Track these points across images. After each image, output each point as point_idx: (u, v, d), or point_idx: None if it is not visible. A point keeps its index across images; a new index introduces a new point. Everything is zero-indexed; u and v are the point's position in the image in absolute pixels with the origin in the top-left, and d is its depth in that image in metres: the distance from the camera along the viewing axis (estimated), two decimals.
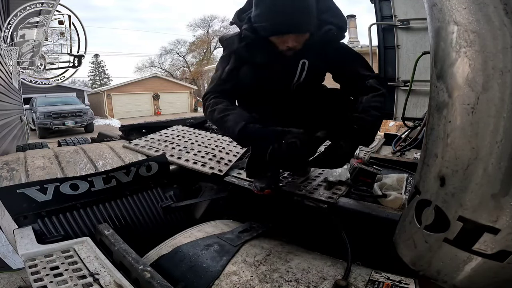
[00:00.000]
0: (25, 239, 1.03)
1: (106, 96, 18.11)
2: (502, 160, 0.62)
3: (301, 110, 1.31)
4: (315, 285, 0.85)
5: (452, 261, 0.73)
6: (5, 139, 3.27)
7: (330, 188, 1.47)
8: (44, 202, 1.21)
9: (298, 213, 1.40)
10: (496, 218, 0.64)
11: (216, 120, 1.18)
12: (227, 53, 1.27)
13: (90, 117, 11.51)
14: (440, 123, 0.73)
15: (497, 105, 0.61)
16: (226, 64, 1.25)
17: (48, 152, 1.89)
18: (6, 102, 3.84)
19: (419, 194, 0.82)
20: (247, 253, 1.02)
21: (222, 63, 1.28)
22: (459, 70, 0.67)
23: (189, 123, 2.81)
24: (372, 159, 2.08)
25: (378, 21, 3.06)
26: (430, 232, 0.77)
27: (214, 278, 0.89)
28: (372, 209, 1.25)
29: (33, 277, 0.83)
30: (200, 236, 1.13)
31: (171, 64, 29.06)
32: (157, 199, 1.55)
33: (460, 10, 0.65)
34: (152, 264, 0.99)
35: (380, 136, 3.06)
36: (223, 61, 1.28)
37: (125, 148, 2.05)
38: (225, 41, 1.27)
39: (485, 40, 0.62)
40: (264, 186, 1.38)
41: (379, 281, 0.84)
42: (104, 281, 0.84)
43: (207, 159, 1.87)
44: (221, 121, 1.15)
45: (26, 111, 8.65)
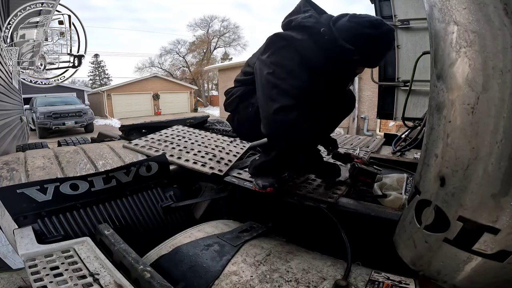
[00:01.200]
0: (25, 239, 1.03)
1: (106, 96, 18.11)
2: (502, 160, 0.62)
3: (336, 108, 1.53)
4: (315, 285, 0.85)
5: (452, 261, 0.73)
6: (5, 139, 3.27)
7: (330, 188, 1.47)
8: (44, 202, 1.21)
9: (298, 213, 1.40)
10: (496, 218, 0.64)
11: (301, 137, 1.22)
12: (295, 55, 1.18)
13: (90, 117, 11.52)
14: (440, 123, 0.73)
15: (497, 105, 0.61)
16: (300, 69, 1.18)
17: (48, 152, 1.89)
18: (6, 102, 3.84)
19: (419, 194, 0.82)
20: (247, 253, 1.02)
21: (293, 65, 1.18)
22: (459, 70, 0.67)
23: (189, 123, 2.81)
24: (372, 159, 2.08)
25: None
26: (430, 232, 0.77)
27: (214, 278, 0.89)
28: (372, 209, 1.25)
29: (33, 277, 0.83)
30: (200, 236, 1.13)
31: (171, 64, 29.11)
32: (157, 199, 1.54)
33: (460, 10, 0.65)
34: (152, 264, 0.99)
35: (380, 136, 3.06)
36: (292, 63, 1.18)
37: (125, 148, 2.04)
38: (296, 42, 1.18)
39: (485, 40, 0.62)
40: (267, 184, 1.38)
41: (379, 281, 0.84)
42: (104, 281, 0.84)
43: (207, 159, 1.87)
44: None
45: (26, 111, 8.65)
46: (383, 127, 8.84)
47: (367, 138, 3.04)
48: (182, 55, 28.69)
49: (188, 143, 2.14)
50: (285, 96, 1.16)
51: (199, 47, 28.67)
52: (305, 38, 1.19)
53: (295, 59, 1.18)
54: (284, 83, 1.16)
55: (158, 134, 2.28)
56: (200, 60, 28.51)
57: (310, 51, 1.18)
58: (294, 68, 1.17)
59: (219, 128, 2.92)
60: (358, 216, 1.25)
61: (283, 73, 1.17)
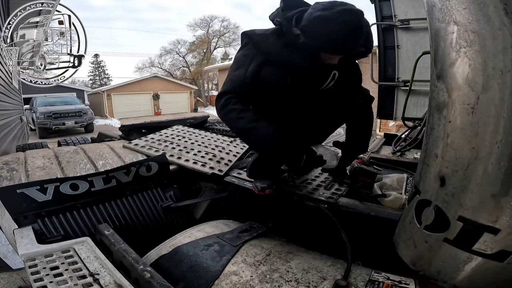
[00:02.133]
0: (25, 239, 1.03)
1: (106, 96, 18.10)
2: (502, 160, 0.62)
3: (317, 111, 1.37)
4: (315, 285, 0.85)
5: (452, 261, 0.73)
6: (5, 139, 3.27)
7: (330, 188, 1.47)
8: (44, 202, 1.21)
9: (298, 213, 1.40)
10: (496, 218, 0.64)
11: (240, 129, 1.19)
12: (252, 51, 1.21)
13: (90, 117, 11.52)
14: (440, 123, 0.73)
15: (497, 105, 0.61)
16: (250, 62, 1.20)
17: (48, 152, 1.89)
18: (6, 102, 3.84)
19: (419, 194, 0.82)
20: (247, 253, 1.02)
21: (245, 60, 1.21)
22: (459, 70, 0.67)
23: (189, 123, 2.81)
24: (372, 159, 2.08)
25: (378, 21, 3.05)
26: (430, 232, 0.77)
27: (214, 278, 0.89)
28: (372, 209, 1.25)
29: (33, 277, 0.83)
30: (200, 236, 1.13)
31: (171, 64, 29.06)
32: (157, 199, 1.54)
33: (460, 10, 0.65)
34: (152, 264, 0.99)
35: (380, 136, 3.06)
36: (246, 58, 1.21)
37: (125, 148, 2.04)
38: (256, 37, 1.21)
39: (485, 40, 0.62)
40: (265, 186, 1.38)
41: (379, 281, 0.84)
42: (104, 281, 0.84)
43: (207, 159, 1.87)
44: (249, 132, 1.17)
45: (26, 111, 8.65)
46: (383, 127, 8.85)
47: None
48: (182, 55, 28.69)
49: (188, 143, 2.14)
50: (225, 84, 1.24)
51: (199, 47, 28.66)
52: (267, 33, 1.22)
53: (251, 54, 1.21)
54: (230, 73, 1.24)
55: (158, 134, 2.28)
56: (200, 60, 28.50)
57: (267, 44, 1.20)
58: (245, 61, 1.21)
59: (219, 128, 2.92)
60: (358, 216, 1.25)
61: (234, 65, 1.25)
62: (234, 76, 1.23)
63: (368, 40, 1.19)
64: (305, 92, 1.28)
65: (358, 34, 1.10)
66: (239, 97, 1.21)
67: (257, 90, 1.23)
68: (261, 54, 1.20)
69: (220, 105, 1.22)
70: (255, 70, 1.20)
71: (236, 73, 1.22)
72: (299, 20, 1.14)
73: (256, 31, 1.25)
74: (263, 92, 1.23)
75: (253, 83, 1.21)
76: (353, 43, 1.11)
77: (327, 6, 1.08)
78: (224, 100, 1.21)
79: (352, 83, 1.39)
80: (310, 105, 1.34)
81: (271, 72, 1.20)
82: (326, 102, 1.35)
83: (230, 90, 1.22)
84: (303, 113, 1.33)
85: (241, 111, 1.18)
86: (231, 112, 1.19)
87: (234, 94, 1.21)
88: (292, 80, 1.21)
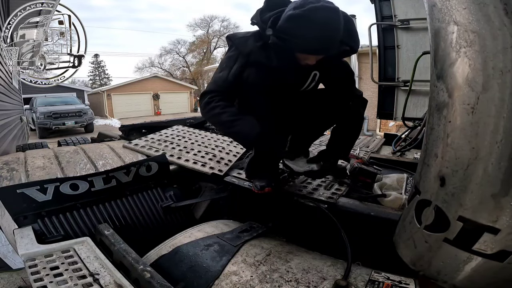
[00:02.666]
0: (25, 239, 1.03)
1: (106, 96, 18.10)
2: (502, 160, 0.62)
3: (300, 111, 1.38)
4: (315, 285, 0.85)
5: (452, 261, 0.73)
6: (5, 139, 3.27)
7: (330, 188, 1.47)
8: (44, 202, 1.21)
9: (298, 213, 1.40)
10: (496, 218, 0.64)
11: (224, 122, 1.20)
12: (235, 52, 1.24)
13: (90, 117, 11.51)
14: (440, 123, 0.73)
15: (497, 105, 0.61)
16: (233, 64, 1.23)
17: (48, 152, 1.89)
18: (6, 102, 3.84)
19: (419, 194, 0.82)
20: (247, 253, 1.02)
21: (228, 62, 1.24)
22: (459, 70, 0.67)
23: (189, 123, 2.81)
24: (372, 159, 2.08)
25: (378, 21, 3.06)
26: (430, 232, 0.77)
27: (214, 278, 0.89)
28: (372, 209, 1.25)
29: (33, 277, 0.83)
30: (200, 236, 1.13)
31: (171, 64, 29.08)
32: (157, 199, 1.54)
33: (460, 10, 0.65)
34: (152, 264, 0.99)
35: (380, 136, 3.06)
36: (229, 60, 1.24)
37: (125, 148, 2.04)
38: (236, 40, 1.24)
39: (485, 40, 0.62)
40: (264, 184, 1.38)
41: (379, 281, 0.84)
42: (104, 281, 0.84)
43: (207, 159, 1.87)
44: (230, 125, 1.18)
45: (26, 111, 8.65)
46: (383, 127, 8.83)
47: (367, 138, 3.04)
48: (182, 55, 28.73)
49: (188, 143, 2.14)
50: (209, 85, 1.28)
51: (199, 47, 28.69)
52: (247, 36, 1.24)
53: (234, 56, 1.24)
54: (215, 75, 1.27)
55: (158, 134, 2.28)
56: (200, 60, 28.53)
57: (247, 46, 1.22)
58: (228, 63, 1.24)
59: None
60: (358, 216, 1.24)
61: (219, 67, 1.28)
62: (217, 78, 1.26)
63: (350, 37, 1.16)
64: (285, 93, 1.30)
65: (332, 32, 1.06)
66: (222, 95, 1.23)
67: (240, 91, 1.26)
68: (242, 56, 1.22)
69: (203, 102, 1.24)
70: (238, 71, 1.22)
71: (220, 75, 1.25)
72: (276, 20, 1.12)
73: (237, 34, 1.28)
74: (246, 92, 1.26)
75: (237, 84, 1.23)
76: (327, 42, 1.07)
77: (299, 4, 1.06)
78: (208, 98, 1.24)
79: (338, 84, 1.35)
80: (292, 106, 1.34)
81: (252, 73, 1.22)
82: (309, 103, 1.34)
83: (214, 89, 1.25)
84: (285, 113, 1.35)
85: (224, 107, 1.20)
86: (215, 108, 1.21)
87: (217, 93, 1.23)
88: (272, 81, 1.23)
